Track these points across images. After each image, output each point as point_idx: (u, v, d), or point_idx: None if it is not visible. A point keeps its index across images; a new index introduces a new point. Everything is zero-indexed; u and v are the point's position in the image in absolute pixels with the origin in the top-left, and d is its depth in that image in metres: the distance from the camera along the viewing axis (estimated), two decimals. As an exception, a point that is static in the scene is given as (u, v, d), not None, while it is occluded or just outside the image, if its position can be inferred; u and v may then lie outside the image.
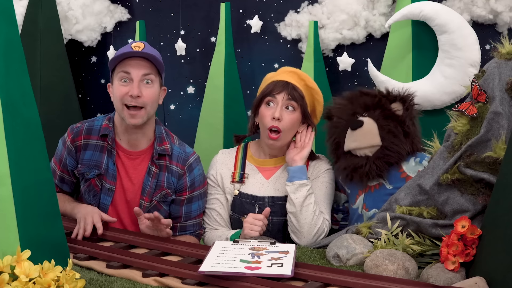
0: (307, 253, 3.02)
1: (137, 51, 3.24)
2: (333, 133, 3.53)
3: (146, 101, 3.27)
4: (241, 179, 3.52)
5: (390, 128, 3.36)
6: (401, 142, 3.35)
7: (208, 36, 4.72)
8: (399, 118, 3.39)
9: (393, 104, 3.43)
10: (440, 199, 2.85)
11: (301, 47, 4.47)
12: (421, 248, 2.82)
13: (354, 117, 3.43)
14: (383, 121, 3.38)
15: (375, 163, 3.34)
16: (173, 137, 3.49)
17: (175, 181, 3.41)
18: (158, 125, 3.46)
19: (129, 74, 3.26)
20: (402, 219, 2.91)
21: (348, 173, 3.42)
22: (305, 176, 3.38)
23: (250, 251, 2.74)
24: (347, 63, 4.31)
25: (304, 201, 3.32)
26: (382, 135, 3.35)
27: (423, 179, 2.93)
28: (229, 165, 3.57)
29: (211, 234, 3.50)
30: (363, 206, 3.42)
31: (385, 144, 3.35)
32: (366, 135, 3.35)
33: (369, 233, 3.00)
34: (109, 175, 3.37)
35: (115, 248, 2.87)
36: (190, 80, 4.76)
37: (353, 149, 3.39)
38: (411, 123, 3.40)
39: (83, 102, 5.02)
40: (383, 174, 3.36)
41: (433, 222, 2.83)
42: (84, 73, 5.07)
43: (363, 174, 3.37)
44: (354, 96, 3.52)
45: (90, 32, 4.83)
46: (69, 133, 3.43)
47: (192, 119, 4.59)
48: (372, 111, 3.41)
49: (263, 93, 3.46)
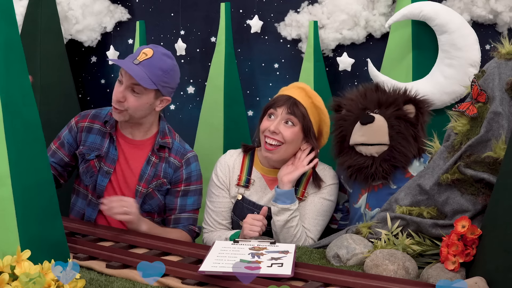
0: (307, 253, 3.02)
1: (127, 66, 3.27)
2: (340, 125, 3.51)
3: (128, 107, 3.33)
4: (246, 184, 3.52)
5: (401, 129, 3.35)
6: (409, 144, 3.34)
7: (208, 36, 4.72)
8: (410, 120, 3.39)
9: (406, 106, 3.41)
10: (440, 199, 2.85)
11: (301, 47, 4.47)
12: (421, 248, 2.82)
13: (365, 112, 3.42)
14: (394, 120, 3.36)
15: (382, 165, 3.33)
16: (175, 134, 3.56)
17: (172, 172, 3.47)
18: (162, 121, 3.54)
19: (122, 78, 3.33)
20: (402, 219, 2.91)
21: (352, 173, 3.41)
22: (289, 200, 3.32)
23: (250, 251, 2.74)
24: (347, 63, 4.31)
25: (285, 224, 3.31)
26: (391, 135, 3.34)
27: (423, 179, 2.93)
28: (236, 167, 3.57)
29: (211, 235, 3.50)
30: (366, 205, 3.41)
31: (392, 144, 3.34)
32: (375, 132, 3.34)
33: (369, 233, 2.99)
34: (108, 159, 3.44)
35: (115, 248, 2.87)
36: (190, 80, 4.76)
37: (360, 143, 3.37)
38: (421, 128, 3.40)
39: (83, 102, 5.02)
40: (388, 177, 3.36)
41: (433, 222, 2.83)
42: (84, 73, 5.07)
43: (368, 175, 3.36)
44: (367, 91, 3.50)
45: (90, 32, 4.84)
46: (76, 117, 3.56)
47: (192, 119, 4.59)
48: (384, 109, 3.40)
49: (267, 104, 3.47)
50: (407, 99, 3.43)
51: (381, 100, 3.43)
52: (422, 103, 3.43)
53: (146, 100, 3.33)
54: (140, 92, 3.30)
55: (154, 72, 3.29)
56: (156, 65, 3.30)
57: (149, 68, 3.28)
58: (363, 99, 3.47)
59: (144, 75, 3.26)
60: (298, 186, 3.47)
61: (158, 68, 3.30)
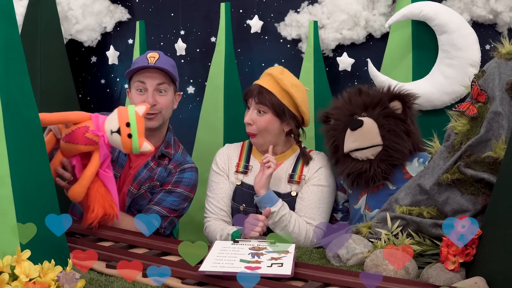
0: (307, 253, 3.02)
1: (151, 65, 3.51)
2: (332, 135, 3.50)
3: (161, 108, 3.54)
4: (245, 170, 3.60)
5: (391, 126, 3.34)
6: (403, 140, 3.34)
7: (208, 36, 4.72)
8: (399, 116, 3.38)
9: (392, 103, 3.41)
10: (440, 199, 2.85)
11: (301, 47, 4.47)
12: (421, 248, 2.82)
13: (353, 117, 3.41)
14: (383, 120, 3.36)
15: (379, 166, 3.33)
16: (179, 147, 3.67)
17: (165, 175, 3.55)
18: (170, 132, 3.66)
19: (145, 84, 3.54)
20: (402, 219, 2.91)
21: (353, 180, 3.41)
22: (269, 203, 3.38)
23: (250, 251, 2.74)
24: (347, 63, 4.31)
25: (278, 225, 3.40)
26: (383, 134, 3.34)
27: (423, 179, 2.93)
28: (234, 156, 3.66)
29: (213, 226, 3.54)
30: (365, 206, 3.41)
31: (386, 144, 3.33)
32: (366, 135, 3.34)
33: (369, 233, 3.00)
34: (118, 163, 3.52)
35: (115, 248, 2.87)
36: (190, 80, 4.76)
37: (354, 149, 3.37)
38: (411, 122, 3.40)
39: (83, 102, 5.02)
40: (389, 177, 3.36)
41: (433, 222, 2.83)
42: (84, 73, 5.07)
43: (368, 178, 3.36)
44: (351, 96, 3.49)
45: (90, 32, 4.84)
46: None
47: (192, 119, 4.59)
48: (371, 110, 3.39)
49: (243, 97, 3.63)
50: (391, 96, 3.43)
51: (366, 102, 3.42)
52: (407, 97, 3.43)
53: (171, 96, 3.60)
54: (166, 90, 3.57)
55: (169, 68, 3.55)
56: (167, 63, 3.57)
57: (165, 66, 3.54)
58: (348, 105, 3.46)
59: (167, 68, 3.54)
60: (294, 171, 3.56)
61: (169, 64, 3.58)
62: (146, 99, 3.49)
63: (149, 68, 3.51)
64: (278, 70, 3.56)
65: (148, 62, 3.50)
